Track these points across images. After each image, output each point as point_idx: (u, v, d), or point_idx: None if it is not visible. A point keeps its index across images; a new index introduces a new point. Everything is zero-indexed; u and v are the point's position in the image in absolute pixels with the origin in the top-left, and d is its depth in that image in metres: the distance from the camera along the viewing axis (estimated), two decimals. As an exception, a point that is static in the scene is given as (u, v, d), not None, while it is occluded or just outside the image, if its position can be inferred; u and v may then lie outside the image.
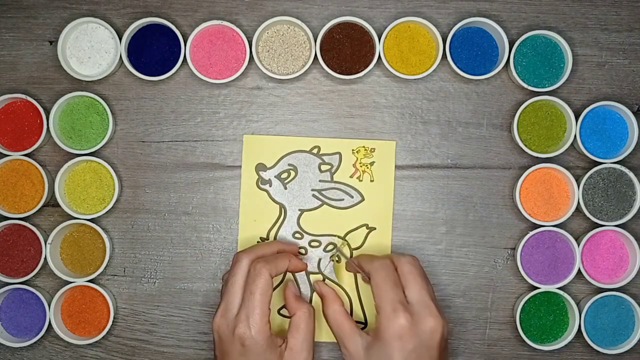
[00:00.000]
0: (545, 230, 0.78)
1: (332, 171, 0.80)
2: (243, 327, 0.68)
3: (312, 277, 0.80)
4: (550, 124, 0.79)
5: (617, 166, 0.78)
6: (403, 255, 0.72)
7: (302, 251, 0.79)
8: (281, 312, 0.79)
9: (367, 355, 0.69)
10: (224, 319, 0.69)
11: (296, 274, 0.79)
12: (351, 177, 0.80)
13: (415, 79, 0.79)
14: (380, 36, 0.78)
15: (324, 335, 0.79)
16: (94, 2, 0.80)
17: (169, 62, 0.78)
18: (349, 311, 0.79)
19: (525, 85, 0.78)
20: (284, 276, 0.80)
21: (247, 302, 0.69)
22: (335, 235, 0.80)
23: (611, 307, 0.78)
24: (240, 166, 0.80)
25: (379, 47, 0.78)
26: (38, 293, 0.77)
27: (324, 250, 0.79)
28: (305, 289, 0.79)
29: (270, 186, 0.80)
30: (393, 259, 0.71)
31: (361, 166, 0.80)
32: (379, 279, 0.70)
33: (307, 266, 0.77)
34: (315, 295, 0.79)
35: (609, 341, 0.78)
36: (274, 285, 0.73)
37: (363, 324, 0.79)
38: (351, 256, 0.79)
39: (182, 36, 0.78)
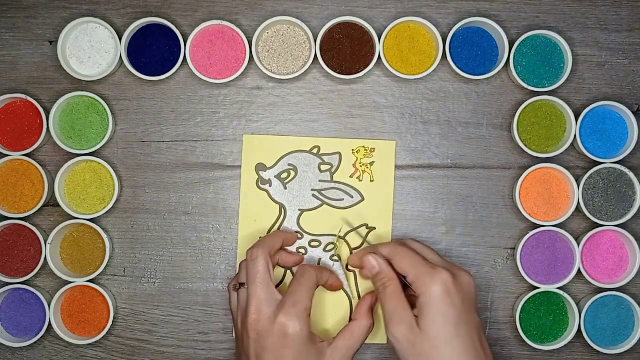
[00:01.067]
0: (545, 230, 0.78)
1: (332, 171, 0.80)
2: (289, 317, 0.67)
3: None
4: (550, 124, 0.79)
5: (617, 166, 0.78)
6: (409, 239, 0.76)
7: (302, 251, 0.79)
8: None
9: (421, 327, 0.67)
10: (261, 313, 0.68)
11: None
12: (351, 177, 0.80)
13: (415, 79, 0.79)
14: (380, 36, 0.78)
15: (323, 336, 0.79)
16: (94, 2, 0.80)
17: (169, 62, 0.78)
18: (348, 311, 0.79)
19: (525, 85, 0.78)
20: (284, 275, 0.79)
21: (294, 294, 0.69)
22: (335, 235, 0.80)
23: (611, 307, 0.78)
24: (240, 166, 0.80)
25: (379, 47, 0.78)
26: (38, 293, 0.77)
27: (324, 250, 0.79)
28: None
29: (270, 186, 0.80)
30: (402, 241, 0.75)
31: (361, 166, 0.80)
32: (402, 255, 0.70)
33: (338, 287, 0.78)
34: (316, 294, 0.79)
35: (609, 341, 0.78)
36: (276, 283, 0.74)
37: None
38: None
39: (182, 36, 0.78)
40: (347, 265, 0.80)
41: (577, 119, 0.78)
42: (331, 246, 0.79)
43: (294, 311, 0.68)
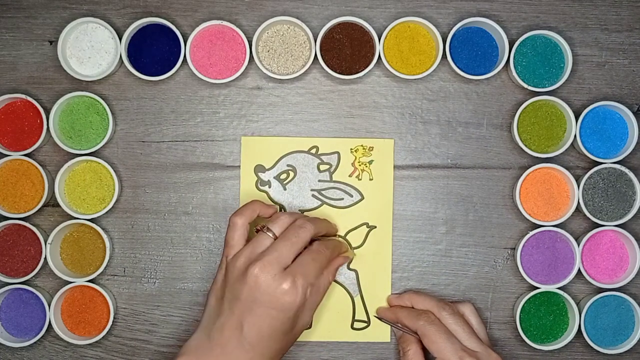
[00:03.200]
0: (545, 230, 0.78)
1: (331, 171, 0.80)
2: (293, 285, 0.67)
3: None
4: (550, 124, 0.79)
5: (617, 166, 0.78)
6: (442, 307, 0.73)
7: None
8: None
9: None
10: (272, 268, 0.67)
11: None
12: (350, 176, 0.80)
13: (415, 79, 0.79)
14: (380, 36, 0.78)
15: (324, 335, 0.79)
16: (94, 2, 0.80)
17: (169, 62, 0.78)
18: (350, 309, 0.79)
19: (525, 85, 0.78)
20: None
21: (305, 265, 0.69)
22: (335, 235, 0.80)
23: (611, 307, 0.78)
24: (240, 166, 0.80)
25: (379, 47, 0.78)
26: (38, 293, 0.77)
27: (324, 250, 0.79)
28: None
29: (269, 187, 0.80)
30: (434, 311, 0.73)
31: (360, 165, 0.80)
32: (432, 334, 0.71)
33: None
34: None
35: (609, 341, 0.78)
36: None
37: (366, 323, 0.79)
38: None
39: (182, 36, 0.78)
40: (348, 265, 0.80)
41: (577, 119, 0.78)
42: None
43: (301, 282, 0.68)
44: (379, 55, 0.78)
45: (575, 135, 0.78)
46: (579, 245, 0.78)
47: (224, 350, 0.67)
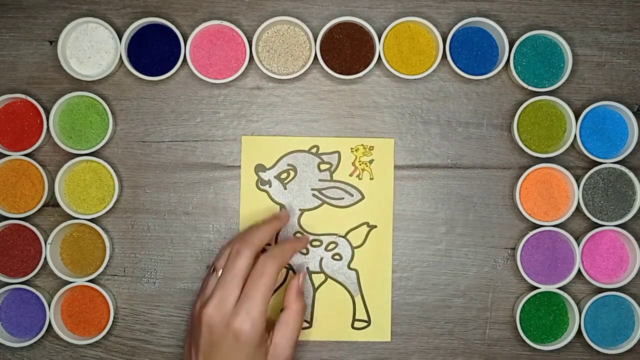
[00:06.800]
0: (545, 230, 0.78)
1: (332, 170, 0.80)
2: (242, 322, 0.67)
3: (314, 276, 0.80)
4: (550, 124, 0.79)
5: (617, 166, 0.78)
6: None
7: (304, 251, 0.79)
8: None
9: None
10: (219, 311, 0.67)
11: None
12: (350, 175, 0.80)
13: (415, 79, 0.79)
14: (380, 36, 0.78)
15: (324, 335, 0.79)
16: (94, 2, 0.80)
17: (169, 62, 0.78)
18: (351, 309, 0.79)
19: (525, 85, 0.78)
20: (287, 275, 0.80)
21: (250, 298, 0.67)
22: (336, 235, 0.80)
23: (611, 307, 0.78)
24: (240, 166, 0.80)
25: (379, 47, 0.78)
26: (38, 293, 0.77)
27: (325, 249, 0.79)
28: (307, 288, 0.79)
29: (270, 187, 0.80)
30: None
31: (360, 164, 0.80)
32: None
33: (307, 241, 0.77)
34: (318, 293, 0.79)
35: (609, 341, 0.78)
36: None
37: (366, 322, 0.79)
38: (353, 255, 0.79)
39: (182, 36, 0.78)
40: (349, 264, 0.80)
41: (577, 119, 0.78)
42: (332, 245, 0.80)
43: (248, 318, 0.67)
44: (379, 55, 0.78)
45: (575, 135, 0.78)
46: (579, 245, 0.78)
47: None
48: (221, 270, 0.70)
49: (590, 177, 0.78)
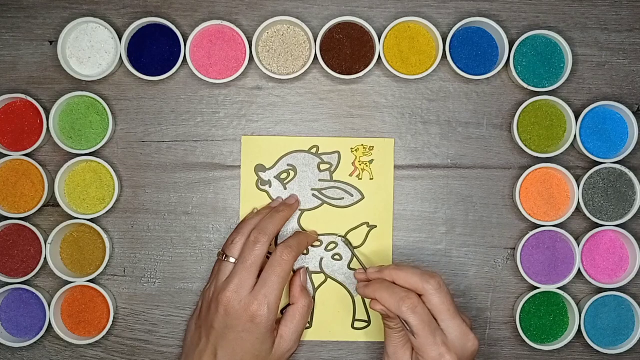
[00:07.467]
0: (545, 230, 0.78)
1: (332, 170, 0.80)
2: (260, 305, 0.70)
3: (314, 276, 0.80)
4: (550, 124, 0.79)
5: (617, 166, 0.78)
6: (427, 281, 0.69)
7: (304, 251, 0.79)
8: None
9: None
10: (237, 295, 0.71)
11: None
12: (350, 175, 0.80)
13: (415, 79, 0.79)
14: (380, 36, 0.78)
15: (324, 335, 0.79)
16: (94, 2, 0.80)
17: (169, 62, 0.78)
18: (351, 309, 0.79)
19: (525, 85, 0.78)
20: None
21: (267, 284, 0.71)
22: (336, 235, 0.80)
23: (611, 307, 0.78)
24: (240, 166, 0.80)
25: (379, 47, 0.78)
26: (38, 293, 0.77)
27: (326, 249, 0.79)
28: (307, 288, 0.79)
29: (270, 187, 0.80)
30: (418, 289, 0.69)
31: (360, 164, 0.80)
32: (416, 325, 0.67)
33: (317, 236, 0.80)
34: (318, 293, 0.79)
35: (609, 341, 0.78)
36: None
37: (366, 323, 0.79)
38: (353, 254, 0.79)
39: (182, 36, 0.78)
40: (349, 264, 0.80)
41: (577, 119, 0.78)
42: (332, 245, 0.80)
43: (265, 302, 0.70)
44: (379, 55, 0.78)
45: (575, 135, 0.78)
46: (579, 245, 0.78)
47: None
48: (233, 258, 0.73)
49: (590, 177, 0.78)
